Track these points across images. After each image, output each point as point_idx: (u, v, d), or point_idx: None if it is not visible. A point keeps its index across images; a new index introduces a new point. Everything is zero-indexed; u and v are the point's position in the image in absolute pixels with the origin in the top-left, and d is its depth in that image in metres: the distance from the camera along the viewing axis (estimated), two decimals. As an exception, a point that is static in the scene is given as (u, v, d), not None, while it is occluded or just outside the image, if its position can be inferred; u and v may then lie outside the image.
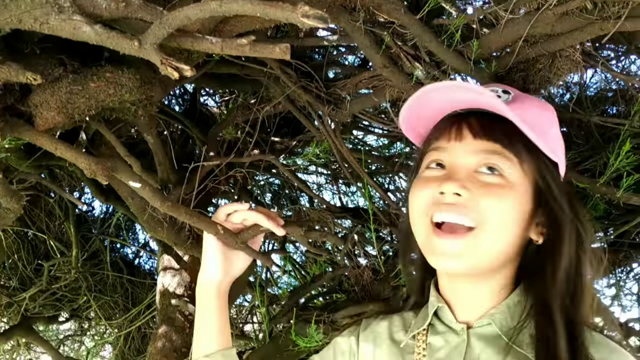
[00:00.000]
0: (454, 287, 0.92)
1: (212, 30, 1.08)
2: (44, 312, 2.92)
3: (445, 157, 0.87)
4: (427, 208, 0.85)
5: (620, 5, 1.06)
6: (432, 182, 0.86)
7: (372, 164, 2.32)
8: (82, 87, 1.01)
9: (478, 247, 0.82)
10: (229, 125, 1.76)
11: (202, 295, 1.08)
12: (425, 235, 0.86)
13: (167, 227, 1.45)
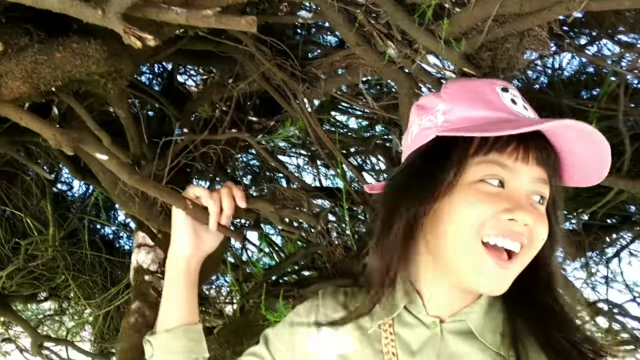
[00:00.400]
0: (435, 284, 0.91)
1: (183, 3, 1.09)
2: (22, 290, 2.91)
3: (507, 176, 0.83)
4: (481, 225, 0.82)
5: (586, -15, 1.07)
6: (492, 200, 0.82)
7: (351, 146, 2.34)
8: (47, 57, 1.01)
9: (519, 266, 0.83)
10: (204, 103, 1.76)
11: (171, 270, 1.08)
12: (472, 253, 0.83)
13: (138, 202, 1.45)
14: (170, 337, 1.03)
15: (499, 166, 0.82)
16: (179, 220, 1.08)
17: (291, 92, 1.65)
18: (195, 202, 1.10)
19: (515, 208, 0.80)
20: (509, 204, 0.81)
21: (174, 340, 1.03)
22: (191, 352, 1.04)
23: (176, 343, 1.03)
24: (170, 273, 1.08)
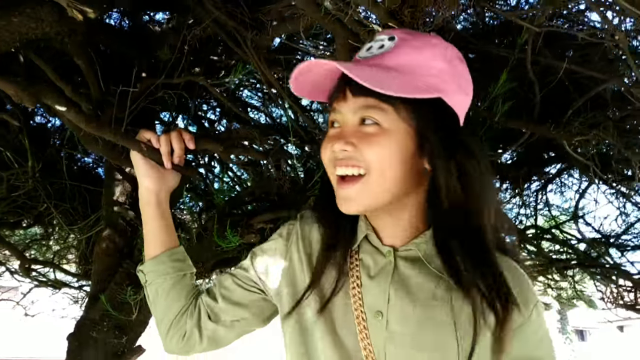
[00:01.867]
0: (376, 218, 1.06)
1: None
2: (7, 218, 3.09)
3: (338, 117, 1.01)
4: (331, 163, 1.00)
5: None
6: (329, 141, 1.00)
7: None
8: (5, 22, 1.14)
9: (369, 190, 0.96)
10: (162, 46, 1.88)
11: (143, 207, 1.24)
12: (334, 186, 1.01)
13: (102, 143, 1.60)
14: (157, 262, 1.21)
15: (333, 111, 1.01)
16: (139, 161, 1.25)
17: (241, 38, 1.78)
18: (149, 145, 1.27)
19: (328, 141, 1.00)
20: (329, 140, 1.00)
21: (160, 264, 1.21)
22: (179, 271, 1.22)
23: (163, 266, 1.21)
24: (144, 210, 1.24)
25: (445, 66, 0.99)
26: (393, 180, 0.96)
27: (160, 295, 1.21)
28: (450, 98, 0.97)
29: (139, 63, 1.90)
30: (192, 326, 1.20)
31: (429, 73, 0.97)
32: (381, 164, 0.95)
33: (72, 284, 3.77)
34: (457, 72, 1.00)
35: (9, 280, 3.88)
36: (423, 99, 0.94)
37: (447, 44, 1.03)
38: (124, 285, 1.78)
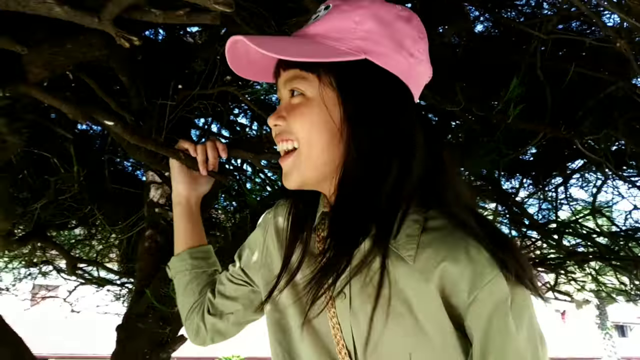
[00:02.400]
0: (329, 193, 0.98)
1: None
2: (54, 220, 3.29)
3: (278, 94, 1.00)
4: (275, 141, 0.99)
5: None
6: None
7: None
8: (60, 48, 1.29)
9: (300, 162, 0.93)
10: (197, 59, 2.02)
11: (175, 210, 1.37)
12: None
13: (144, 151, 1.75)
14: (178, 259, 1.34)
15: (278, 90, 0.99)
16: (175, 168, 1.38)
17: (270, 50, 1.90)
18: (187, 154, 1.40)
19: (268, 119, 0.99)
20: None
21: (181, 261, 1.33)
22: (198, 268, 1.33)
23: (182, 263, 1.33)
24: (176, 211, 1.37)
25: (376, 26, 0.91)
26: (323, 150, 0.91)
27: (179, 289, 1.33)
28: (382, 59, 0.89)
29: (175, 75, 2.05)
30: (198, 320, 1.28)
31: (355, 36, 0.90)
32: (307, 134, 0.91)
33: (114, 282, 3.98)
34: (395, 31, 0.91)
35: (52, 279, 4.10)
36: (347, 63, 0.89)
37: (383, 4, 0.94)
38: (167, 280, 1.94)
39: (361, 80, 0.90)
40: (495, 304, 0.79)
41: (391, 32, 0.90)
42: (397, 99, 0.91)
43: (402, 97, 0.91)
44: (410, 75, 0.91)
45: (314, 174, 0.94)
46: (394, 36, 0.90)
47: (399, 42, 0.90)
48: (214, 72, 2.04)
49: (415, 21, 0.95)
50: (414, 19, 0.95)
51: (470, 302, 0.80)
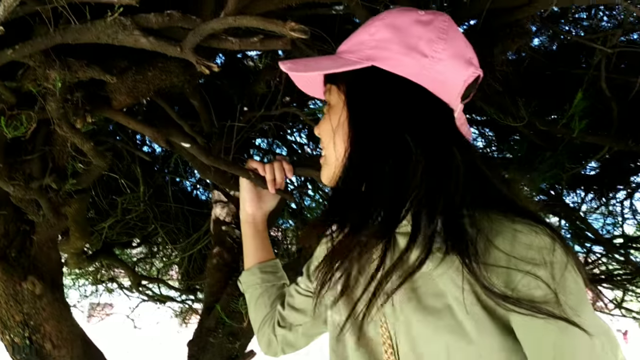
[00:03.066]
0: None
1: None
2: (120, 238, 3.43)
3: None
4: None
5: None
6: None
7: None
8: (142, 76, 1.38)
9: (325, 163, 1.03)
10: (260, 82, 2.10)
11: (244, 227, 1.43)
12: None
13: (213, 171, 1.82)
14: (249, 274, 1.39)
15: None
16: (244, 187, 1.44)
17: (330, 71, 1.96)
18: (256, 173, 1.47)
19: None
20: None
21: (251, 275, 1.39)
22: (267, 282, 1.37)
23: (253, 277, 1.38)
24: (244, 229, 1.43)
25: (388, 34, 0.94)
26: (338, 151, 0.97)
27: (251, 303, 1.38)
28: (388, 62, 0.92)
29: (239, 97, 2.13)
30: (269, 332, 1.31)
31: (368, 46, 0.95)
32: (326, 138, 1.01)
33: (175, 299, 4.09)
34: (407, 36, 0.93)
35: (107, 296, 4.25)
36: (356, 72, 0.93)
37: (403, 12, 0.97)
38: (235, 296, 2.00)
39: (366, 85, 0.93)
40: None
41: (403, 36, 0.92)
42: (406, 99, 0.92)
43: (412, 96, 0.92)
44: (423, 75, 0.91)
45: (331, 170, 1.01)
46: (405, 40, 0.92)
47: (410, 45, 0.91)
48: (276, 94, 2.12)
49: (437, 23, 0.95)
50: (435, 21, 0.95)
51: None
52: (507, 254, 0.80)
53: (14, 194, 1.45)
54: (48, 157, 1.53)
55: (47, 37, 1.19)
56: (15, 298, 1.49)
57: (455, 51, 0.93)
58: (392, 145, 0.89)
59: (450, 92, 0.94)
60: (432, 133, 0.90)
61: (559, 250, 0.80)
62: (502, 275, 0.80)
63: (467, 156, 0.89)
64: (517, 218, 0.83)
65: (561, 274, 0.79)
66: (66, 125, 1.30)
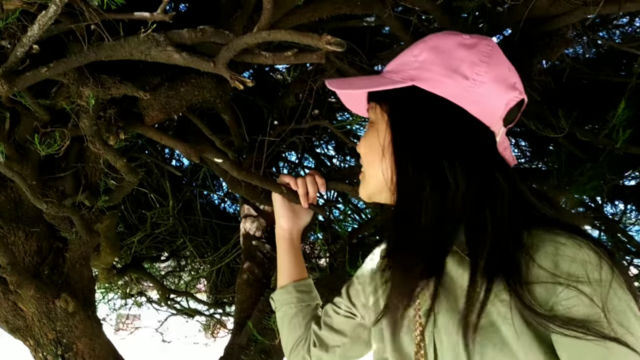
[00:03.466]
0: None
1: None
2: (149, 252, 3.44)
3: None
4: None
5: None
6: None
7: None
8: (175, 92, 1.37)
9: (363, 178, 1.05)
10: (289, 95, 2.08)
11: (279, 243, 1.40)
12: None
13: (244, 185, 1.81)
14: (284, 292, 1.35)
15: None
16: (278, 202, 1.41)
17: (361, 83, 1.93)
18: (288, 187, 1.44)
19: None
20: None
21: (286, 294, 1.35)
22: (302, 301, 1.34)
23: (288, 296, 1.34)
24: (279, 245, 1.39)
25: (431, 56, 0.95)
26: (374, 168, 0.99)
27: (285, 321, 1.34)
28: (429, 83, 0.93)
29: (269, 111, 2.12)
30: (304, 353, 1.27)
31: (411, 67, 0.96)
32: (364, 154, 1.04)
33: (203, 312, 4.08)
34: (450, 58, 0.94)
35: (135, 309, 4.26)
36: (398, 91, 0.94)
37: (447, 36, 0.98)
38: (267, 312, 1.97)
39: (406, 104, 0.95)
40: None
41: (445, 59, 0.93)
42: (447, 119, 0.93)
43: (452, 117, 0.93)
44: (463, 96, 0.92)
45: (371, 188, 1.03)
46: (447, 62, 0.93)
47: (452, 67, 0.92)
48: (306, 107, 2.10)
49: (481, 47, 0.95)
50: (479, 45, 0.95)
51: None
52: (549, 271, 0.79)
53: (47, 211, 1.44)
54: (81, 174, 1.53)
55: (81, 55, 1.19)
56: (48, 316, 1.48)
57: (498, 75, 0.93)
58: (430, 167, 0.90)
59: (491, 115, 0.93)
60: (471, 155, 0.90)
61: (605, 266, 0.77)
62: (544, 292, 0.78)
63: (509, 179, 0.89)
64: (560, 231, 0.82)
65: (608, 291, 0.76)
66: (99, 142, 1.29)
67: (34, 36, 1.13)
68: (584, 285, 0.76)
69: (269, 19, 1.19)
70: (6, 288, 1.44)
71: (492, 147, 0.94)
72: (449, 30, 1.09)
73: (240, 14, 1.43)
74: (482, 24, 1.50)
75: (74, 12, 1.18)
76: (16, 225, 1.47)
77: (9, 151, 1.32)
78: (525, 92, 1.02)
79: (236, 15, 1.44)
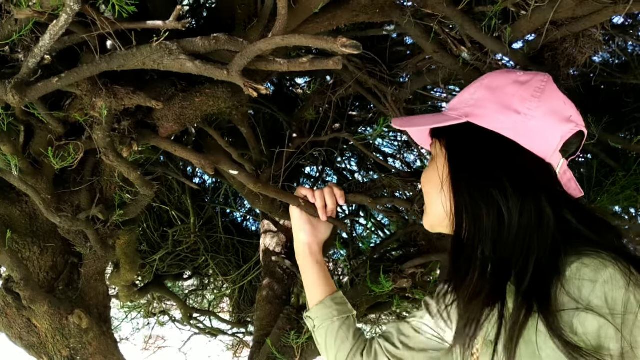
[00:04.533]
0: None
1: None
2: (171, 271, 3.42)
3: None
4: None
5: (629, -9, 1.20)
6: None
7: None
8: (189, 102, 1.34)
9: (425, 210, 1.09)
10: (309, 108, 2.05)
11: (300, 258, 1.37)
12: None
13: (262, 199, 1.77)
14: (322, 307, 1.32)
15: None
16: (295, 215, 1.38)
17: (382, 93, 1.89)
18: (306, 200, 1.40)
19: None
20: None
21: (325, 308, 1.31)
22: (343, 313, 1.31)
23: (328, 310, 1.31)
24: (301, 260, 1.37)
25: (485, 94, 1.03)
26: (433, 200, 1.06)
27: (330, 336, 1.30)
28: (483, 119, 0.99)
29: (289, 124, 2.08)
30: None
31: (467, 104, 1.03)
32: (425, 187, 1.09)
33: (227, 332, 4.04)
34: (502, 94, 1.00)
35: (159, 329, 4.24)
36: (455, 127, 1.02)
37: (502, 74, 1.05)
38: (287, 330, 1.92)
39: (461, 139, 1.02)
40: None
41: (498, 95, 1.00)
42: (500, 153, 0.97)
43: (505, 151, 0.97)
44: (517, 130, 0.97)
45: (432, 218, 1.08)
46: (500, 99, 0.99)
47: (504, 103, 0.99)
48: (324, 120, 2.06)
49: (534, 82, 1.01)
50: (533, 81, 1.01)
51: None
52: (572, 297, 0.80)
53: (61, 226, 1.42)
54: (96, 188, 1.51)
55: (93, 65, 1.17)
56: (62, 332, 1.45)
57: (550, 109, 0.98)
58: (485, 197, 0.94)
59: (545, 147, 0.98)
60: (523, 186, 0.93)
61: (633, 288, 0.77)
62: (568, 318, 0.79)
63: (558, 208, 0.92)
64: (589, 251, 0.83)
65: (635, 319, 0.76)
66: (113, 154, 1.27)
67: (45, 46, 1.11)
68: (602, 309, 0.77)
69: (284, 25, 1.15)
70: (20, 304, 1.42)
71: (546, 178, 0.98)
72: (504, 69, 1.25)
73: (256, 23, 1.40)
74: (504, 29, 1.45)
75: (86, 22, 1.17)
76: (31, 240, 1.46)
77: (23, 165, 1.31)
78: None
79: (252, 24, 1.41)
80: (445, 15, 1.52)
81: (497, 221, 0.92)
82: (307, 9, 1.40)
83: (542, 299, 0.82)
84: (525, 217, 0.91)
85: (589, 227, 0.91)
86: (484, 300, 0.91)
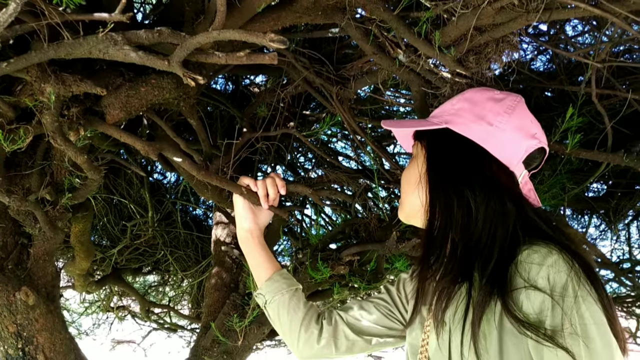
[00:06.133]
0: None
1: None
2: (130, 264, 3.47)
3: None
4: None
5: (539, 1, 1.33)
6: None
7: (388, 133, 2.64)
8: (135, 91, 1.43)
9: (401, 203, 1.25)
10: (260, 104, 2.14)
11: (244, 244, 1.46)
12: None
13: (211, 189, 1.85)
14: (271, 282, 1.40)
15: None
16: (239, 204, 1.47)
17: (328, 93, 2.00)
18: (249, 189, 1.49)
19: None
20: None
21: (274, 283, 1.40)
22: (291, 286, 1.40)
23: (277, 284, 1.40)
24: (244, 246, 1.46)
25: (465, 105, 1.20)
26: (409, 195, 1.22)
27: (282, 308, 1.37)
28: (460, 127, 1.15)
29: (241, 120, 2.18)
30: (313, 328, 1.35)
31: (448, 113, 1.20)
32: (402, 183, 1.26)
33: (186, 327, 4.08)
34: (480, 108, 1.17)
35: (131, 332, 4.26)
36: (436, 131, 1.19)
37: (482, 91, 1.23)
38: (230, 315, 2.00)
39: (442, 142, 1.18)
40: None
41: (476, 108, 1.17)
42: (472, 157, 1.12)
43: (476, 156, 1.12)
44: (488, 139, 1.12)
45: (407, 210, 1.23)
46: (477, 111, 1.16)
47: (480, 115, 1.15)
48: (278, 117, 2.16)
49: (508, 101, 1.17)
50: (507, 99, 1.18)
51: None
52: (523, 277, 0.94)
53: (11, 205, 1.49)
54: (47, 172, 1.57)
55: (41, 52, 1.24)
56: (9, 308, 1.51)
57: (519, 125, 1.14)
58: (456, 192, 1.09)
59: (510, 157, 1.13)
60: (489, 186, 1.08)
61: (574, 274, 0.91)
62: (519, 297, 0.94)
63: (520, 206, 1.07)
64: (541, 241, 0.98)
65: (574, 300, 0.89)
66: (60, 137, 1.34)
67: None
68: (545, 289, 0.91)
69: (222, 21, 1.25)
70: (-31, 281, 1.48)
71: (509, 182, 1.12)
72: (483, 86, 1.41)
73: (202, 19, 1.49)
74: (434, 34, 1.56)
75: (36, 12, 1.25)
76: (-19, 221, 1.52)
77: (-26, 147, 1.37)
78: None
79: (199, 20, 1.51)
80: (382, 19, 1.63)
81: (466, 212, 1.07)
82: (251, 9, 1.50)
83: (501, 282, 0.96)
84: (490, 210, 1.05)
85: (546, 224, 1.06)
86: (453, 278, 1.04)
